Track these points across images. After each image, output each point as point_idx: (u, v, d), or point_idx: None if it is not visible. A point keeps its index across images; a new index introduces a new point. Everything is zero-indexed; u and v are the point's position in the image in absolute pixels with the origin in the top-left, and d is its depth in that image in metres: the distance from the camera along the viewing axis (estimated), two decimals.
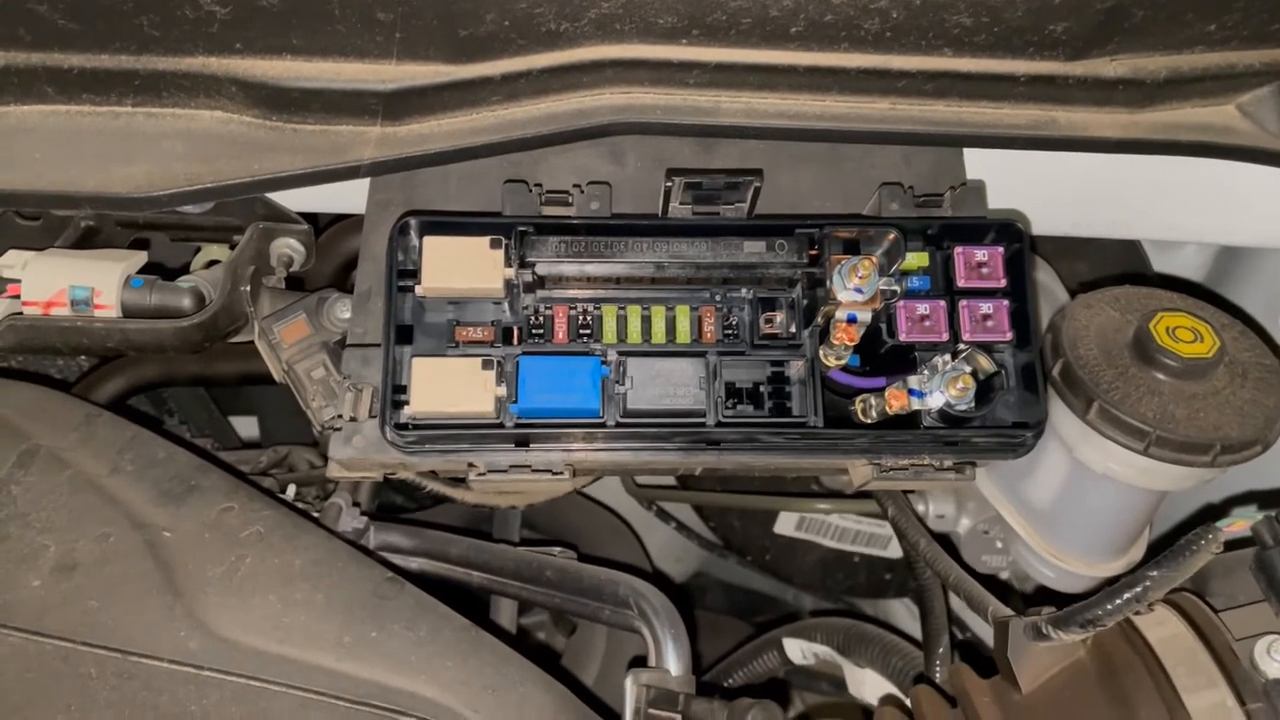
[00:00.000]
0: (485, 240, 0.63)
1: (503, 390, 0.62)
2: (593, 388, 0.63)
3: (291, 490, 0.91)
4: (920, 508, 0.92)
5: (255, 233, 0.76)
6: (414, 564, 0.89)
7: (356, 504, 0.90)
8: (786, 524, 1.33)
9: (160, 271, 0.76)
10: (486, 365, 0.62)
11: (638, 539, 1.30)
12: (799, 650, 1.04)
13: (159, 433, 0.76)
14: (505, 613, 1.06)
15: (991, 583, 0.95)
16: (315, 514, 0.86)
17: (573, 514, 1.27)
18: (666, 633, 0.76)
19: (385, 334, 0.63)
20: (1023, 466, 0.81)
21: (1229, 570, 0.64)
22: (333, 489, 0.91)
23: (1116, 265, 1.03)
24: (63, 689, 0.61)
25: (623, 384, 0.64)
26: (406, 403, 0.62)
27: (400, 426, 0.62)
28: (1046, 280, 0.93)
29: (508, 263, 0.63)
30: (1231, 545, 0.61)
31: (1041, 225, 0.83)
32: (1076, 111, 0.71)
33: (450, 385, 0.62)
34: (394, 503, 1.27)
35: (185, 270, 0.81)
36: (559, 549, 0.89)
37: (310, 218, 0.80)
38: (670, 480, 1.37)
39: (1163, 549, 0.57)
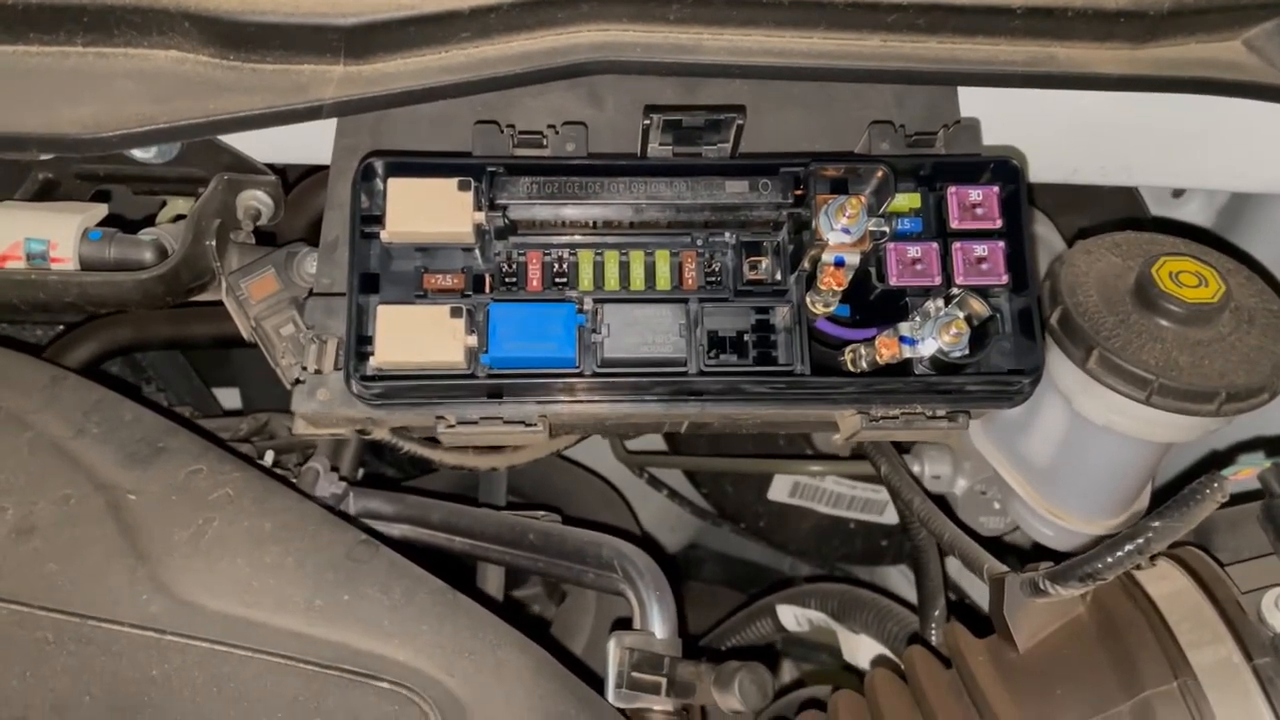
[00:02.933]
0: (453, 182, 0.60)
1: (473, 339, 0.59)
2: (568, 336, 0.60)
3: (270, 457, 0.89)
4: (916, 468, 0.90)
5: (220, 184, 0.73)
6: (395, 530, 0.87)
7: (335, 469, 0.87)
8: (780, 490, 1.30)
9: (125, 225, 0.73)
10: (455, 313, 0.59)
11: (628, 505, 1.28)
12: (793, 616, 1.02)
13: (131, 396, 0.73)
14: (492, 581, 1.04)
15: (990, 543, 0.93)
16: (293, 480, 0.83)
17: (561, 480, 1.25)
18: (651, 595, 0.74)
19: (349, 282, 0.61)
20: (1020, 421, 0.79)
21: (1234, 525, 0.62)
22: (312, 454, 0.89)
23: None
24: (18, 654, 0.59)
25: (599, 332, 0.61)
26: (372, 353, 0.59)
27: (366, 379, 0.59)
28: (1045, 233, 0.90)
29: (477, 206, 0.60)
30: (1237, 499, 0.59)
31: (1040, 172, 0.80)
32: (1076, 47, 0.68)
33: (417, 334, 0.59)
34: (384, 474, 1.25)
35: (150, 224, 0.78)
36: (543, 513, 0.87)
37: (280, 171, 0.77)
38: (661, 445, 1.35)
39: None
